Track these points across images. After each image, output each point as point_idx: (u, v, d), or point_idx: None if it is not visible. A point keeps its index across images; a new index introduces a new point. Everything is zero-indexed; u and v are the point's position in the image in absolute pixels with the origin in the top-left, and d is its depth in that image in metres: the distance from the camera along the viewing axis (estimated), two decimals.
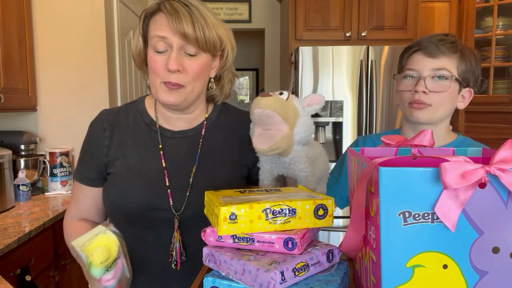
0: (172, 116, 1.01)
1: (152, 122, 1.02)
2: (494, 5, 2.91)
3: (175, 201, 0.95)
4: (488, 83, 2.96)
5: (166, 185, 0.96)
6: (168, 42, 0.89)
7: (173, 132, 1.01)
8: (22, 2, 2.20)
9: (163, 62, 0.90)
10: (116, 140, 0.99)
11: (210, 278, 0.66)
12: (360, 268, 0.68)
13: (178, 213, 0.95)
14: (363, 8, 2.90)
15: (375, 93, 2.68)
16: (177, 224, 0.94)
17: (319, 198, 0.71)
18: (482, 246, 0.53)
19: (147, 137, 1.00)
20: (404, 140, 0.76)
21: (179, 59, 0.89)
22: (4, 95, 1.94)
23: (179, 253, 0.94)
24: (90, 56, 2.39)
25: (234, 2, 3.70)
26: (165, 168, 0.97)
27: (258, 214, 0.66)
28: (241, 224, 0.66)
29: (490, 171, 0.50)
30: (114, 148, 0.99)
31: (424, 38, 1.08)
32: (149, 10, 0.93)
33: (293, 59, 2.82)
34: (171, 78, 0.90)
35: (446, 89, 1.05)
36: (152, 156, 0.98)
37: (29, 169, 2.18)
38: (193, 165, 0.98)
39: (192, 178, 0.97)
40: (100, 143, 1.00)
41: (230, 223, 0.65)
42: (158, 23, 0.90)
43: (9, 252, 1.47)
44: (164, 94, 0.92)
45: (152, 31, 0.92)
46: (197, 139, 1.01)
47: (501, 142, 0.53)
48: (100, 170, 1.00)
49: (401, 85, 1.11)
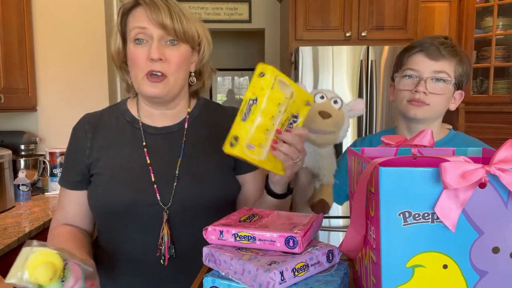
0: (155, 113, 1.02)
1: (134, 120, 1.03)
2: (494, 5, 2.91)
3: (162, 195, 0.95)
4: (488, 83, 2.96)
5: (152, 180, 0.96)
6: (148, 32, 0.91)
7: (156, 128, 1.02)
8: (22, 2, 2.20)
9: (144, 53, 0.91)
10: (98, 141, 1.00)
11: (209, 278, 0.66)
12: (360, 268, 0.68)
13: (166, 207, 0.95)
14: (363, 8, 2.89)
15: (375, 93, 2.68)
16: (165, 218, 0.94)
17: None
18: (482, 246, 0.53)
19: (130, 135, 1.01)
20: (404, 140, 0.76)
21: (160, 49, 0.91)
22: (4, 95, 1.94)
23: (167, 247, 0.94)
24: (90, 56, 2.39)
25: (234, 2, 3.70)
26: (150, 164, 0.97)
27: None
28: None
29: (490, 171, 0.50)
30: (96, 149, 1.00)
31: (426, 40, 1.11)
32: (126, 6, 0.95)
33: (293, 59, 2.82)
34: (153, 66, 0.91)
35: (445, 91, 1.10)
36: (136, 153, 0.98)
37: (29, 169, 2.18)
38: (178, 158, 0.99)
39: (178, 170, 0.97)
40: (82, 146, 1.01)
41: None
42: (137, 16, 0.93)
43: (9, 252, 1.47)
44: (148, 87, 0.93)
45: (131, 24, 0.94)
46: (181, 133, 1.02)
47: (501, 142, 0.53)
48: (83, 172, 1.00)
49: (400, 84, 1.14)
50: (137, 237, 0.96)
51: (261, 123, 0.76)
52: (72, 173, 1.02)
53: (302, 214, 0.79)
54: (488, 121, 2.95)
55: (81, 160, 1.00)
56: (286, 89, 0.77)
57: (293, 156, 0.81)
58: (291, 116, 0.81)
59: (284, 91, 0.77)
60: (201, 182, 0.98)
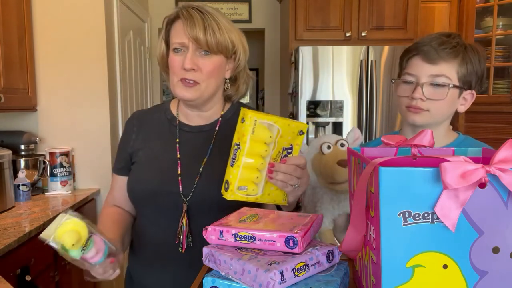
0: (190, 113, 1.13)
1: (173, 118, 1.14)
2: (494, 5, 2.91)
3: (185, 187, 1.04)
4: (488, 83, 2.96)
5: (177, 173, 1.05)
6: (185, 45, 1.02)
7: (190, 126, 1.12)
8: (22, 2, 2.20)
9: (180, 61, 1.02)
10: (142, 134, 1.13)
11: (209, 278, 0.66)
12: (360, 268, 0.68)
13: (186, 199, 1.03)
14: (363, 8, 2.90)
15: (375, 93, 2.68)
16: (185, 209, 1.02)
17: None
18: (482, 246, 0.53)
19: (167, 131, 1.12)
20: (404, 140, 0.76)
21: (193, 59, 1.01)
22: (4, 95, 1.94)
23: (185, 236, 1.02)
24: (90, 56, 2.39)
25: (234, 2, 3.70)
26: (179, 159, 1.07)
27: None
28: None
29: (490, 171, 0.50)
30: (139, 140, 1.13)
31: (425, 41, 1.05)
32: (170, 17, 1.06)
33: (293, 59, 2.82)
34: (186, 75, 1.01)
35: (443, 97, 1.03)
36: (169, 148, 1.09)
37: (29, 169, 2.18)
38: (204, 157, 1.07)
39: (202, 168, 1.05)
40: (129, 136, 1.15)
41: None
42: (177, 30, 1.03)
43: (9, 252, 1.47)
44: (181, 90, 1.03)
45: (173, 37, 1.05)
46: (212, 133, 1.11)
47: (501, 142, 0.53)
48: (126, 160, 1.13)
49: (399, 90, 1.09)
50: (159, 224, 1.06)
51: (248, 165, 0.82)
52: (119, 160, 1.16)
53: (302, 214, 0.79)
54: (488, 121, 2.95)
55: (126, 149, 1.14)
56: (271, 128, 0.83)
57: (291, 183, 0.86)
58: (282, 149, 0.86)
59: (268, 131, 0.82)
60: (220, 182, 1.01)
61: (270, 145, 0.83)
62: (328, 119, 2.72)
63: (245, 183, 0.83)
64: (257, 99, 6.10)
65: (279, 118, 0.83)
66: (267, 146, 0.83)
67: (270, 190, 0.87)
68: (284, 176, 0.84)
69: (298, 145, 0.88)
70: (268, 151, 0.83)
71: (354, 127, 1.15)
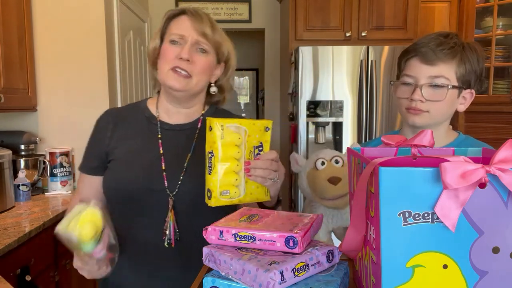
0: (172, 109, 1.12)
1: (151, 116, 1.12)
2: (494, 5, 2.91)
3: (170, 183, 1.03)
4: (488, 83, 2.95)
5: (162, 169, 1.05)
6: (185, 38, 1.03)
7: (171, 125, 1.11)
8: (22, 2, 2.20)
9: (175, 51, 1.03)
10: (118, 132, 1.10)
11: (209, 278, 0.66)
12: (360, 268, 0.68)
13: (172, 194, 1.03)
14: (363, 8, 2.90)
15: (375, 93, 2.68)
16: (171, 204, 1.02)
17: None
18: (482, 246, 0.53)
19: (146, 129, 1.11)
20: (404, 140, 0.76)
21: (190, 52, 1.03)
22: (4, 95, 1.94)
23: (173, 231, 1.01)
24: (90, 56, 2.39)
25: (234, 2, 3.70)
26: (162, 154, 1.06)
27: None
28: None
29: (490, 171, 0.50)
30: (115, 138, 1.10)
31: (423, 42, 1.04)
32: (173, 12, 1.08)
33: (293, 59, 2.82)
34: (181, 64, 1.02)
35: (442, 97, 1.03)
36: (151, 144, 1.08)
37: (29, 169, 2.18)
38: (188, 153, 1.07)
39: (187, 164, 1.06)
40: (104, 134, 1.11)
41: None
42: (180, 23, 1.05)
43: (9, 252, 1.47)
44: (172, 79, 1.03)
45: (172, 29, 1.06)
46: (194, 132, 1.11)
47: (501, 142, 0.53)
48: (102, 158, 1.10)
49: (398, 91, 1.09)
50: (144, 220, 1.04)
51: (225, 169, 0.86)
52: (91, 159, 1.12)
53: (302, 214, 0.79)
54: (488, 121, 2.95)
55: (100, 147, 1.10)
56: (238, 130, 0.87)
57: (270, 177, 0.90)
58: (253, 148, 0.90)
59: (236, 133, 0.86)
60: (204, 178, 1.01)
61: (241, 146, 0.87)
62: (328, 119, 2.72)
63: (226, 187, 0.86)
64: (257, 99, 6.10)
65: (243, 120, 0.88)
66: (239, 148, 0.87)
67: (252, 189, 0.90)
68: (262, 171, 0.88)
69: (266, 141, 0.92)
70: (241, 152, 0.87)
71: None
